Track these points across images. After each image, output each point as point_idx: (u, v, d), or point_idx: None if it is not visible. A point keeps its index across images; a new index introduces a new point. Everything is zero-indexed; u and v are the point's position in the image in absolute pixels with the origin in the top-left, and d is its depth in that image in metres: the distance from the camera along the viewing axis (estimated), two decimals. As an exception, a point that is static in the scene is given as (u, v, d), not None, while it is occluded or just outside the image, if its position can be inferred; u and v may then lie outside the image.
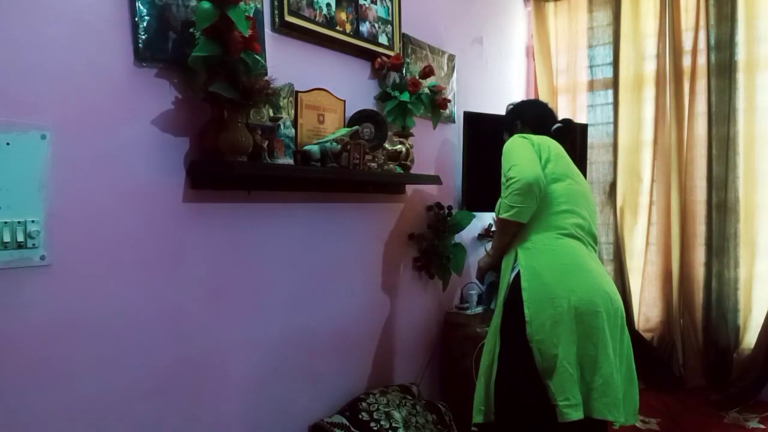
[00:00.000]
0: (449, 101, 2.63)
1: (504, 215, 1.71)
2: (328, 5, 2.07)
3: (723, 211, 3.05)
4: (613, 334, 1.69)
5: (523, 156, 1.71)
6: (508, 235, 1.81)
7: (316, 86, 1.99)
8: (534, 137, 1.81)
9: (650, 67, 3.28)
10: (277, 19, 1.87)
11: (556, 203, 1.75)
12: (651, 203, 3.28)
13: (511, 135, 1.94)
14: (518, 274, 1.71)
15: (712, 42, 3.04)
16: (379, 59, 2.28)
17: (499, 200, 1.79)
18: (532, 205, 1.69)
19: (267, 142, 1.70)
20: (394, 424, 2.04)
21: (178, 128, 1.59)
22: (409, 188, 2.54)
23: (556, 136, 1.95)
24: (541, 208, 1.72)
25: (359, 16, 2.22)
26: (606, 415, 1.63)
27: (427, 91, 2.41)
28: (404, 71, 2.40)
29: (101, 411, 1.43)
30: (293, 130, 1.85)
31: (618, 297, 1.76)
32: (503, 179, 1.76)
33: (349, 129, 2.06)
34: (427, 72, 2.41)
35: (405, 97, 2.31)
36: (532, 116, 2.03)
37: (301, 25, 1.94)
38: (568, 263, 1.69)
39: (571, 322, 1.63)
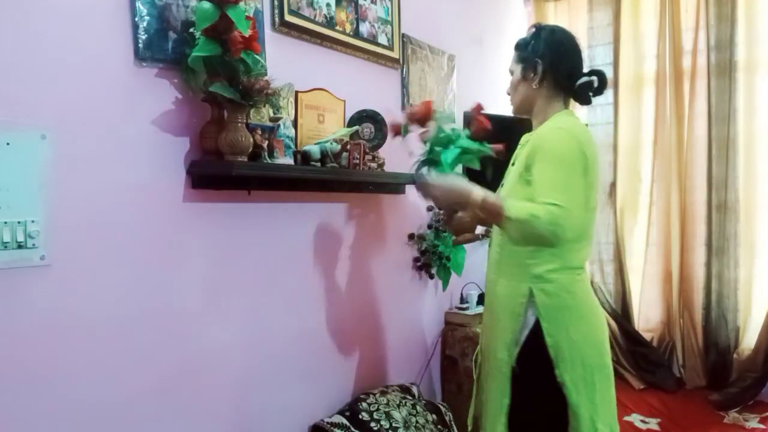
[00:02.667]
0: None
1: (510, 229, 1.38)
2: (328, 5, 2.07)
3: (723, 211, 3.05)
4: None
5: (576, 199, 1.37)
6: (490, 223, 1.58)
7: (316, 86, 1.99)
8: (587, 145, 1.45)
9: (650, 67, 3.28)
10: (277, 19, 1.87)
11: (584, 238, 1.52)
12: (651, 203, 3.28)
13: (523, 73, 1.56)
14: (536, 322, 1.47)
15: (712, 42, 3.05)
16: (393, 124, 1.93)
17: (510, 192, 1.50)
18: (538, 245, 1.45)
19: (267, 142, 1.70)
20: (394, 424, 2.04)
21: (178, 128, 1.58)
22: (409, 188, 2.54)
23: (582, 95, 1.58)
24: (572, 241, 1.45)
25: (359, 16, 2.22)
26: None
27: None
28: (404, 72, 2.37)
29: (101, 411, 1.43)
30: (293, 130, 1.85)
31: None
32: (534, 183, 1.40)
33: (348, 129, 2.06)
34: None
35: (465, 143, 1.80)
36: (560, 60, 1.53)
37: (301, 25, 1.94)
38: (586, 314, 1.50)
39: (601, 380, 1.49)
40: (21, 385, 1.28)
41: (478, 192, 1.41)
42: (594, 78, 1.57)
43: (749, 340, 3.02)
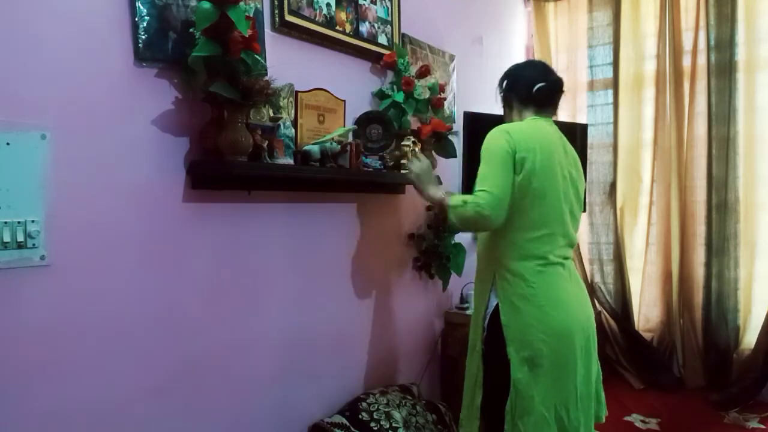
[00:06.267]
0: (444, 99, 2.61)
1: (451, 217, 1.60)
2: (328, 5, 2.07)
3: (723, 211, 3.05)
4: (585, 364, 1.65)
5: (499, 183, 1.53)
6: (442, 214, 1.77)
7: (316, 86, 1.99)
8: (519, 135, 1.59)
9: (650, 67, 3.28)
10: (277, 19, 1.87)
11: (535, 227, 1.60)
12: (651, 203, 3.29)
13: (505, 112, 1.82)
14: (497, 306, 1.64)
15: (712, 42, 3.05)
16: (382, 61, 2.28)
17: (463, 195, 1.63)
18: (481, 230, 1.68)
19: (267, 142, 1.70)
20: (394, 424, 2.04)
21: (178, 128, 1.58)
22: (409, 188, 2.54)
23: (544, 100, 1.75)
24: (518, 231, 1.60)
25: (359, 16, 2.22)
26: None
27: (420, 90, 2.40)
28: (403, 70, 2.39)
29: (101, 411, 1.43)
30: (293, 130, 1.85)
31: (593, 317, 1.72)
32: (481, 163, 1.61)
33: (347, 128, 2.06)
34: (424, 72, 2.41)
35: (399, 97, 2.29)
36: (524, 85, 1.75)
37: (301, 25, 1.94)
38: (545, 304, 1.59)
39: (550, 364, 1.57)
40: (21, 385, 1.28)
41: (433, 191, 1.77)
42: (542, 84, 1.74)
43: (749, 340, 3.02)
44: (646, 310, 3.36)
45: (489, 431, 1.70)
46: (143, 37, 1.48)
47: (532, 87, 1.73)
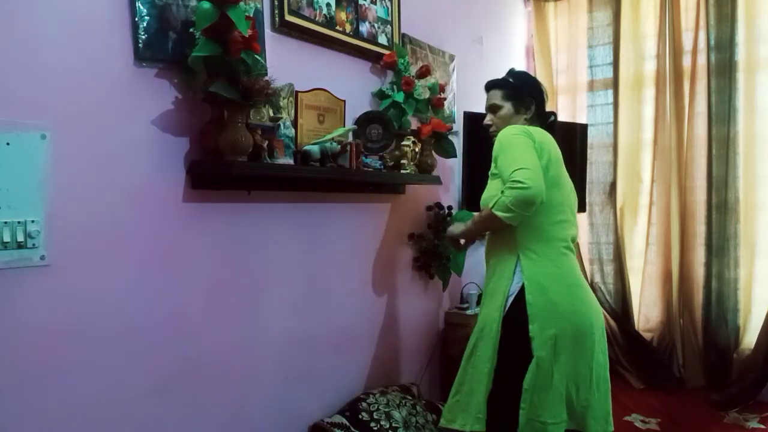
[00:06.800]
0: (444, 99, 2.62)
1: (500, 214, 1.60)
2: (328, 5, 2.07)
3: (723, 211, 3.05)
4: (602, 348, 1.73)
5: (530, 161, 1.60)
6: (491, 228, 1.78)
7: (316, 86, 1.99)
8: (536, 133, 1.70)
9: (650, 67, 3.28)
10: (277, 19, 1.87)
11: (555, 212, 1.69)
12: (651, 203, 3.28)
13: (515, 108, 1.86)
14: (522, 286, 1.66)
15: (712, 42, 3.05)
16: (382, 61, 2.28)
17: (489, 192, 1.71)
18: (528, 215, 1.64)
19: (267, 142, 1.70)
20: (394, 424, 2.04)
21: (178, 128, 1.59)
22: (409, 188, 2.54)
23: (549, 128, 1.86)
24: (540, 216, 1.65)
25: (359, 16, 2.22)
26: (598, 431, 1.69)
27: (420, 90, 2.41)
28: (403, 70, 2.39)
29: (101, 411, 1.43)
30: (293, 130, 1.85)
31: (601, 311, 1.80)
32: (500, 171, 1.66)
33: (347, 128, 2.06)
34: (424, 72, 2.41)
35: (399, 97, 2.30)
36: (542, 100, 1.90)
37: (301, 25, 1.94)
38: (571, 282, 1.68)
39: (571, 342, 1.63)
40: (21, 385, 1.28)
41: (468, 223, 1.85)
42: (552, 117, 1.93)
43: (749, 340, 3.02)
44: (646, 310, 3.35)
45: (497, 422, 1.68)
46: (143, 37, 1.48)
47: (548, 115, 1.91)
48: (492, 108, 1.90)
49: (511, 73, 1.95)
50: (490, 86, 1.93)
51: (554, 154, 1.72)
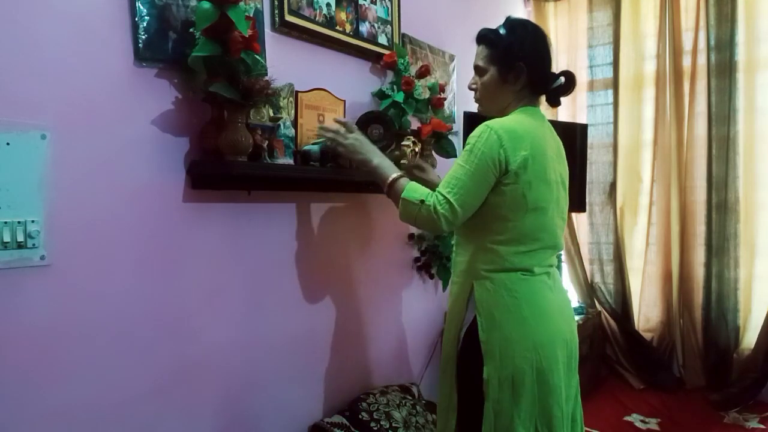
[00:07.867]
0: (444, 99, 2.61)
1: (402, 211, 1.46)
2: (328, 5, 2.07)
3: (723, 211, 3.05)
4: (566, 382, 1.51)
5: (472, 187, 1.37)
6: (386, 194, 1.59)
7: (316, 86, 1.99)
8: (512, 139, 1.38)
9: (650, 67, 3.29)
10: (277, 19, 1.87)
11: (525, 241, 1.44)
12: (651, 203, 3.29)
13: (501, 76, 1.49)
14: (474, 319, 1.46)
15: (712, 42, 3.05)
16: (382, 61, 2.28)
17: (447, 176, 1.43)
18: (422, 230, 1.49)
19: (267, 142, 1.70)
20: (394, 424, 2.04)
21: (178, 128, 1.58)
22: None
23: (554, 97, 1.55)
24: (505, 243, 1.44)
25: (359, 16, 2.22)
26: None
27: (420, 90, 2.41)
28: (403, 70, 2.39)
29: (101, 411, 1.43)
30: (293, 130, 1.85)
31: (576, 330, 1.57)
32: (458, 161, 1.41)
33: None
34: (424, 72, 2.41)
35: (399, 97, 2.29)
36: (540, 65, 1.51)
37: (301, 25, 1.94)
38: (528, 315, 1.43)
39: (532, 383, 1.42)
40: (21, 386, 1.28)
41: (378, 159, 1.63)
42: (562, 78, 1.53)
43: (749, 340, 3.02)
44: (646, 310, 3.36)
45: None
46: (143, 37, 1.48)
47: (551, 79, 1.52)
48: (476, 69, 1.58)
49: (507, 22, 1.58)
50: (479, 39, 1.59)
51: (535, 170, 1.40)
